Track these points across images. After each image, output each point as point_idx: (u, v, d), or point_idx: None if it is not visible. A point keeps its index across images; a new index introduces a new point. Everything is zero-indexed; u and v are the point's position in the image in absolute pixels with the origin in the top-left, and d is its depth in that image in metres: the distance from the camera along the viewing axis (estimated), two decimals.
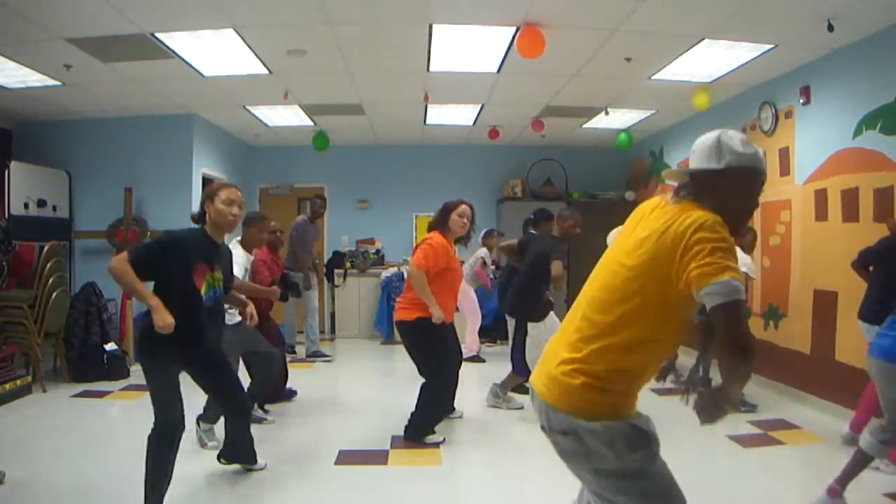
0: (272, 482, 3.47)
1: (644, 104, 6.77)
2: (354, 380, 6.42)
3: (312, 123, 7.74)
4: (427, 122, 7.78)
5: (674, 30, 4.51)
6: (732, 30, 4.46)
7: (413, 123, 7.89)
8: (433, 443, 4.10)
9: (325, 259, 8.90)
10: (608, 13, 4.23)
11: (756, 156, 1.70)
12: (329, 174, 9.15)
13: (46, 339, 5.49)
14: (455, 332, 4.40)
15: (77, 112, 6.80)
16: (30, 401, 5.11)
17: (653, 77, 5.63)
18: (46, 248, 5.52)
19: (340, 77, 5.77)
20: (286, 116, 7.34)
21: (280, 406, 4.96)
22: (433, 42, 4.82)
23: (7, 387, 5.00)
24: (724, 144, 1.68)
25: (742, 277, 1.59)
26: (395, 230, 9.21)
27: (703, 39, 4.65)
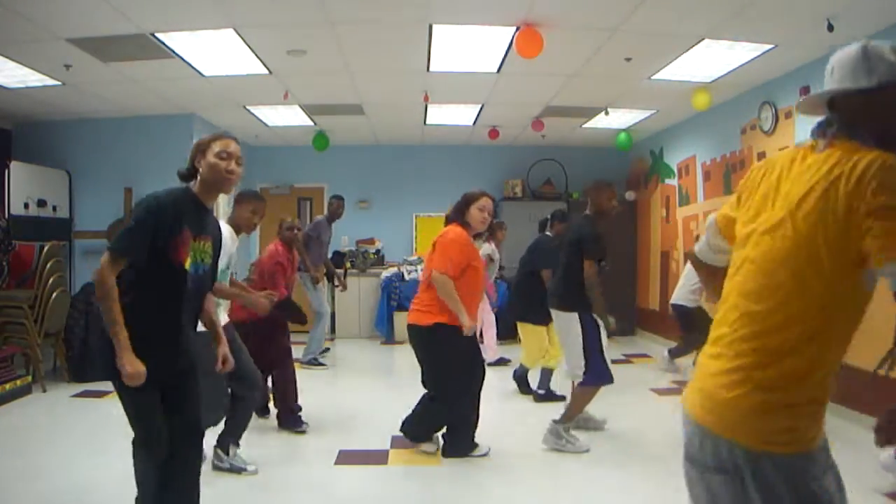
0: (272, 482, 3.47)
1: (644, 104, 6.77)
2: (354, 380, 6.42)
3: (312, 123, 7.74)
4: (427, 123, 7.78)
5: (674, 30, 4.51)
6: (732, 30, 4.46)
7: (413, 123, 7.89)
8: (479, 454, 3.87)
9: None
10: (608, 13, 4.23)
11: None
12: (329, 174, 9.16)
13: (46, 339, 5.49)
14: (478, 347, 3.92)
15: (77, 112, 6.80)
16: (30, 401, 5.11)
17: (653, 77, 5.64)
18: (46, 249, 5.52)
19: (340, 77, 5.77)
20: (286, 116, 7.34)
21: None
22: (433, 42, 4.82)
23: (7, 387, 5.00)
24: (873, 54, 1.31)
25: None
26: (395, 230, 9.19)
27: (703, 39, 4.65)
